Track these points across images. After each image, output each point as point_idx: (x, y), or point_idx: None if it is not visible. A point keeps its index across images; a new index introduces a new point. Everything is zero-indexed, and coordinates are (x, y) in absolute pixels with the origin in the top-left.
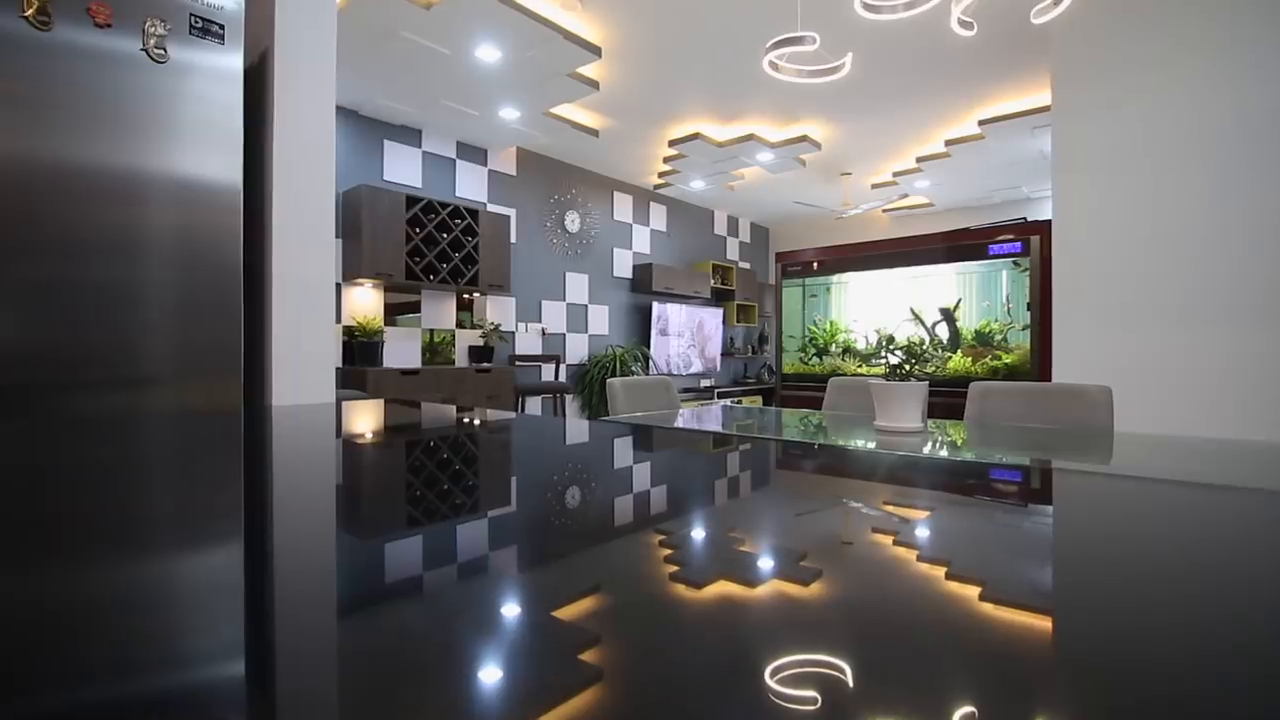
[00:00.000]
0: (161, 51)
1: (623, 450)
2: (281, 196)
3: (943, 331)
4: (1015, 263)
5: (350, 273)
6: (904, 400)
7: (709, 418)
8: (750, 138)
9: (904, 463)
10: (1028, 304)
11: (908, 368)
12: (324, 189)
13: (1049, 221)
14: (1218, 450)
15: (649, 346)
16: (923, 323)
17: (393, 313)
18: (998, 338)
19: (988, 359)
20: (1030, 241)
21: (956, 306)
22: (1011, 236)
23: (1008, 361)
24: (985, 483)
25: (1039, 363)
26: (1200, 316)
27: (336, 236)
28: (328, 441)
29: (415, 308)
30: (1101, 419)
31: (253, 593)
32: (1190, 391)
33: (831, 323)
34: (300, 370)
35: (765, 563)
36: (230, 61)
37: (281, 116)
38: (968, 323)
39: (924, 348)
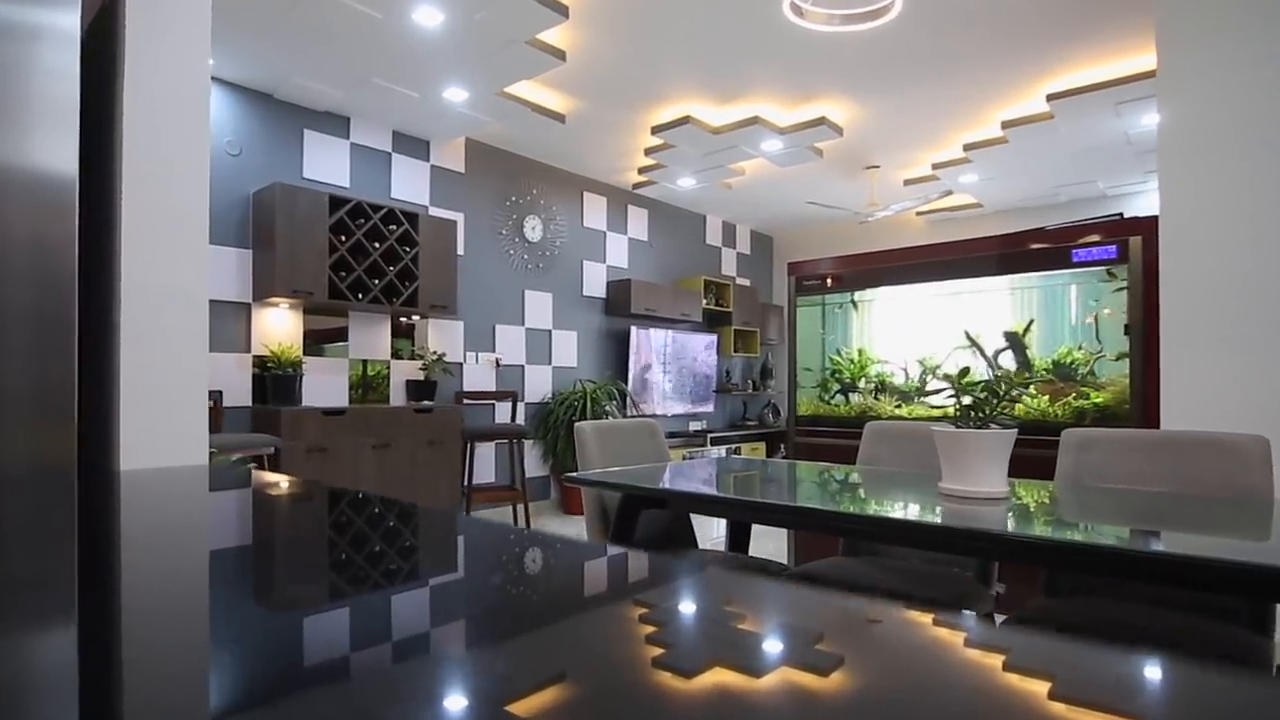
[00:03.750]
0: None
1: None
2: (135, 192)
3: (1008, 361)
4: (1110, 272)
5: (262, 290)
6: (984, 454)
7: (706, 477)
8: (754, 121)
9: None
10: (1125, 326)
11: (987, 410)
12: (194, 181)
13: (1155, 218)
14: None
15: (626, 381)
16: (982, 351)
17: (315, 340)
18: (1082, 370)
19: (1071, 397)
20: (1128, 245)
21: (1026, 330)
22: (1101, 238)
23: (1098, 401)
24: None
25: (1141, 402)
26: None
27: (245, 246)
28: (184, 520)
29: (343, 334)
30: (1256, 481)
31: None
32: None
33: (860, 351)
34: (160, 420)
35: None
36: (64, 12)
37: (135, 87)
38: (1039, 351)
39: (1009, 386)
